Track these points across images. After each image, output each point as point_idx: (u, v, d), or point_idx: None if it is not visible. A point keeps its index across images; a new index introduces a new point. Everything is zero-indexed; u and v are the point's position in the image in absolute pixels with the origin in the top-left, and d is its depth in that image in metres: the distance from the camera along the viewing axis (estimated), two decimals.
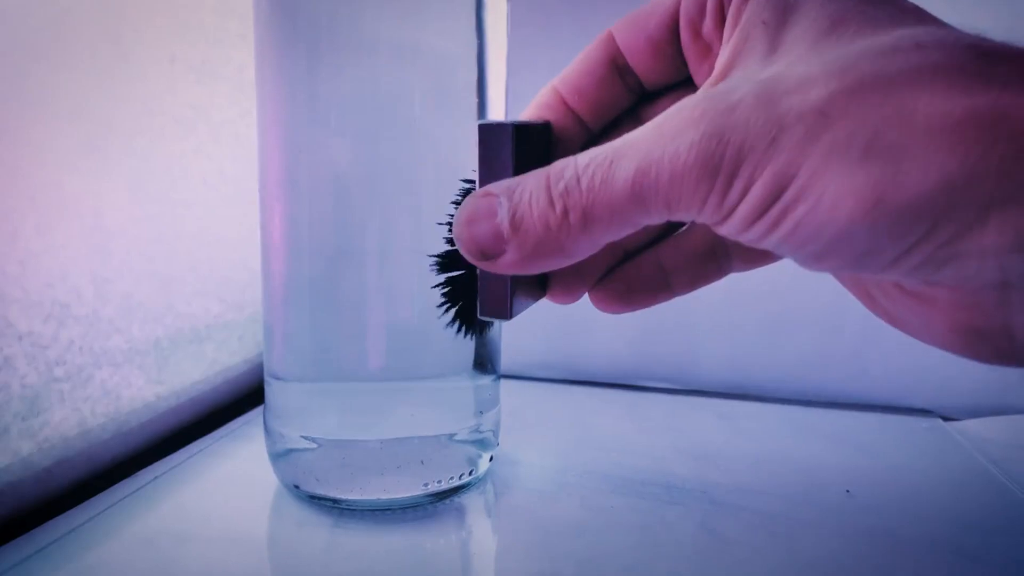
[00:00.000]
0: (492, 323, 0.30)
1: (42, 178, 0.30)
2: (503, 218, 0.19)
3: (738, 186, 0.16)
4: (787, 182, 0.15)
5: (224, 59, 0.41)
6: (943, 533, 0.30)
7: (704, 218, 0.17)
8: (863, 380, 0.46)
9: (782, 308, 0.46)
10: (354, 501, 0.30)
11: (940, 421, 0.44)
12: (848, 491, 0.33)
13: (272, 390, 0.31)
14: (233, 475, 0.34)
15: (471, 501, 0.32)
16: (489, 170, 0.20)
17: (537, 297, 0.23)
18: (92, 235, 0.33)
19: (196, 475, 0.34)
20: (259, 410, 0.42)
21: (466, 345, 0.31)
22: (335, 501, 0.30)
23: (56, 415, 0.32)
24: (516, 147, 0.20)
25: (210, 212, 0.41)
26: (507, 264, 0.19)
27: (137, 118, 0.35)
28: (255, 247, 0.32)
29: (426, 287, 0.29)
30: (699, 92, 0.17)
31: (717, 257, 0.23)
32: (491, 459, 0.33)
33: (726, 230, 0.17)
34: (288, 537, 0.29)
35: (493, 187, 0.19)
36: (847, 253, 0.16)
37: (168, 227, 0.37)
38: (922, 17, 0.17)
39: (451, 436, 0.31)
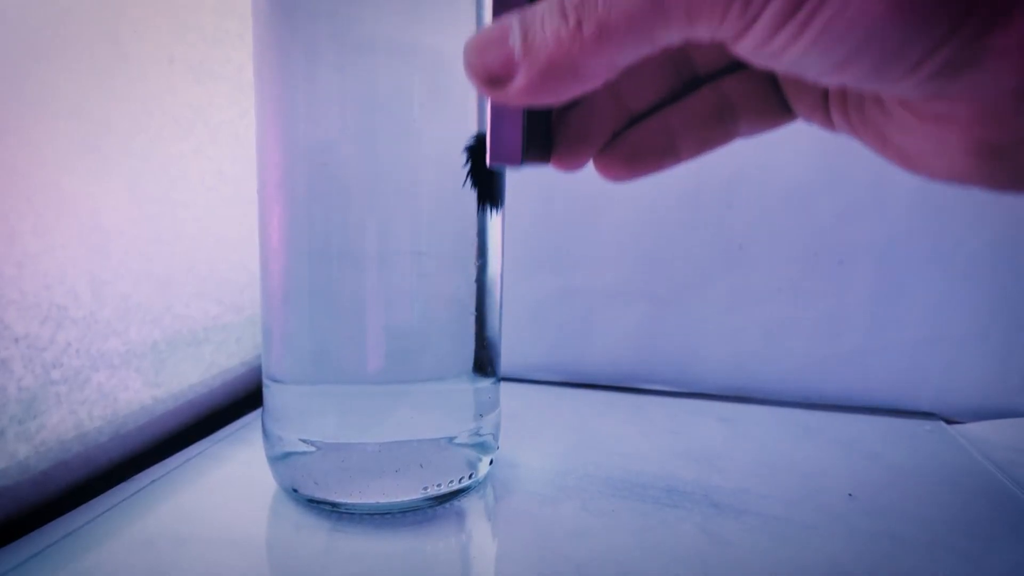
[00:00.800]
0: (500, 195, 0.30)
1: (40, 179, 0.30)
2: (515, 41, 0.18)
3: None
4: None
5: (223, 59, 0.41)
6: (946, 537, 0.30)
7: (725, 31, 0.16)
8: (865, 383, 0.46)
9: (784, 310, 0.46)
10: (353, 504, 0.29)
11: (943, 424, 0.44)
12: (850, 494, 0.33)
13: (270, 393, 0.31)
14: (231, 478, 0.34)
15: (471, 505, 0.31)
16: (503, 5, 0.19)
17: (544, 159, 0.23)
18: (90, 236, 0.32)
19: (194, 478, 0.33)
20: (257, 413, 0.41)
21: (466, 347, 0.31)
22: (334, 505, 0.30)
23: (53, 418, 0.31)
24: None
25: (209, 213, 0.40)
26: (518, 89, 0.18)
27: (136, 118, 0.35)
28: (254, 248, 0.32)
29: (425, 289, 0.29)
30: None
31: (724, 119, 0.23)
32: (491, 462, 0.33)
33: (746, 43, 0.17)
34: (286, 541, 0.28)
35: (507, 17, 0.19)
36: (872, 56, 0.16)
37: (166, 228, 0.37)
38: None
39: (451, 439, 0.30)
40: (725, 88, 0.23)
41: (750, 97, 0.23)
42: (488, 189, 0.29)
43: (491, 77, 0.18)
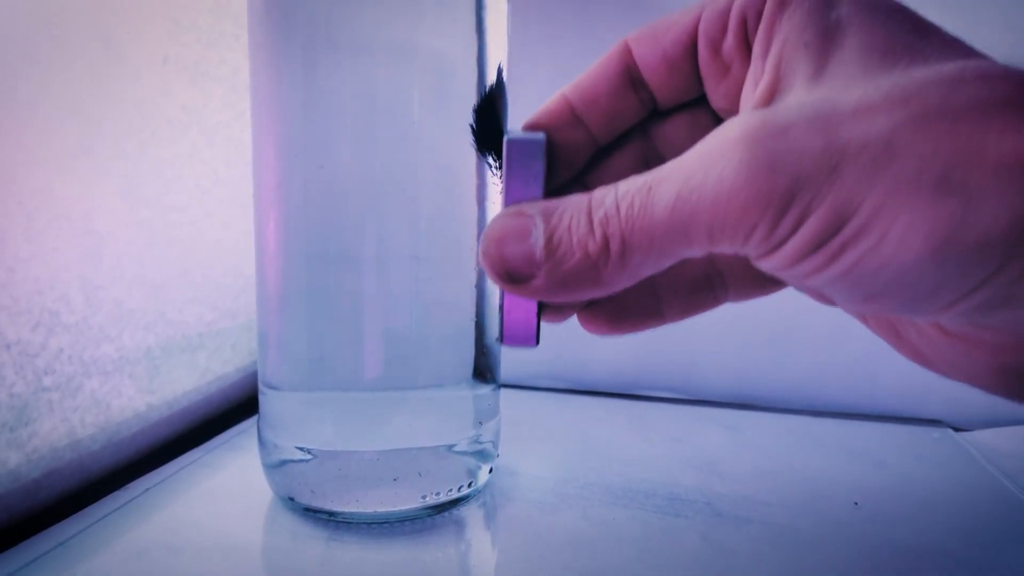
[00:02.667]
0: None
1: (32, 181, 0.29)
2: (537, 240, 0.18)
3: (791, 217, 0.15)
4: (848, 215, 0.14)
5: (219, 60, 0.40)
6: (953, 545, 0.29)
7: (749, 250, 0.16)
8: (871, 390, 0.45)
9: (789, 316, 0.46)
10: (350, 514, 0.29)
11: (950, 431, 0.43)
12: (856, 503, 0.33)
13: (266, 399, 0.31)
14: (226, 487, 0.33)
15: (470, 513, 0.31)
16: (518, 186, 0.20)
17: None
18: (83, 240, 0.32)
19: (189, 487, 0.33)
20: (253, 420, 0.41)
21: (465, 353, 0.30)
22: (331, 514, 0.29)
23: (45, 425, 0.31)
24: (547, 163, 0.19)
25: (203, 217, 0.40)
26: (536, 289, 0.18)
27: (129, 120, 0.34)
28: (249, 253, 0.31)
29: (424, 294, 0.29)
30: (742, 114, 0.16)
31: (713, 286, 0.23)
32: (491, 470, 0.32)
33: (770, 264, 0.16)
34: (283, 550, 0.28)
35: (527, 207, 0.18)
36: (905, 294, 0.15)
37: (160, 232, 0.37)
38: (969, 51, 0.16)
39: (450, 447, 0.30)
40: (714, 256, 0.22)
41: (740, 267, 0.23)
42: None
43: (509, 273, 0.18)
